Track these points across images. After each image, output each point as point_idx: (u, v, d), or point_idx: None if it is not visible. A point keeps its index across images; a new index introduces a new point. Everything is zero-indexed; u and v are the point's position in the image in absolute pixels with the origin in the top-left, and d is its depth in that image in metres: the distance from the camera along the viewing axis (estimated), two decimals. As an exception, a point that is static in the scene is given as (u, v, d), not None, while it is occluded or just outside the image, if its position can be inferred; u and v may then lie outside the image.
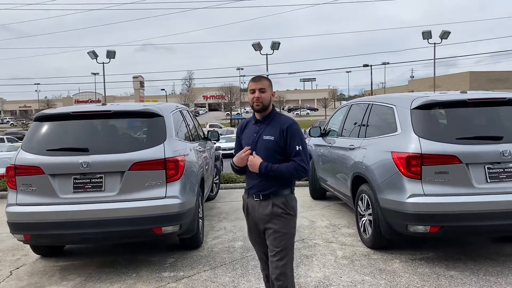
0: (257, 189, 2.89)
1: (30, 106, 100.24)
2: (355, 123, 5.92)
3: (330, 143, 6.66)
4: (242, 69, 78.07)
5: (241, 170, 2.97)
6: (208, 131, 7.41)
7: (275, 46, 38.31)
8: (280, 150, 2.85)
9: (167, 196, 4.38)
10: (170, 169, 4.42)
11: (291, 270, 2.88)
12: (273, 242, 2.84)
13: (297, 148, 2.83)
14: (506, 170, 4.18)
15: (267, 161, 2.82)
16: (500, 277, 4.06)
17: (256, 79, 2.92)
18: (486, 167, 4.17)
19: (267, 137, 2.86)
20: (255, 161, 2.82)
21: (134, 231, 4.35)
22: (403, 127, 4.53)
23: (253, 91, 2.89)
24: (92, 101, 79.85)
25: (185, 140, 5.36)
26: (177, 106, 5.85)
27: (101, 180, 4.33)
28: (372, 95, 42.23)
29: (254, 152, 2.87)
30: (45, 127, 4.64)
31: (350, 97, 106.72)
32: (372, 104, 5.55)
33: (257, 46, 38.36)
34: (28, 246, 5.21)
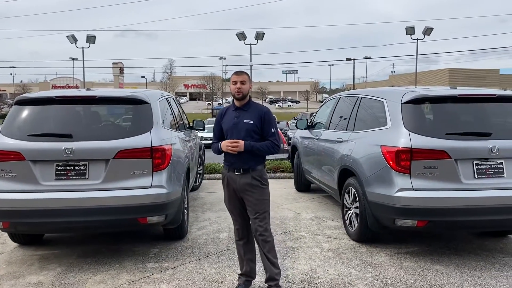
0: (237, 165, 3.54)
1: (5, 90, 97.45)
2: (344, 116, 5.89)
3: (317, 136, 6.64)
4: (224, 58, 77.56)
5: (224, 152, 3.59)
6: (194, 120, 7.29)
7: (259, 36, 37.97)
8: (258, 131, 3.53)
9: (153, 186, 4.27)
10: (156, 158, 4.31)
11: (269, 226, 3.62)
12: (255, 207, 3.53)
13: (272, 130, 3.56)
14: (494, 166, 4.22)
15: (246, 138, 3.48)
16: (484, 271, 4.11)
17: (239, 73, 3.57)
18: (474, 163, 4.20)
19: (248, 121, 3.52)
20: (240, 143, 3.45)
21: (118, 220, 4.24)
22: (393, 121, 4.52)
23: (235, 83, 3.53)
24: (70, 87, 78.14)
25: (171, 128, 5.24)
26: (162, 94, 5.71)
27: (85, 167, 4.20)
28: (354, 88, 42.51)
29: (233, 134, 3.53)
30: (26, 111, 4.46)
31: (332, 90, 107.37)
32: (362, 97, 5.53)
33: (241, 36, 37.94)
34: (5, 234, 5.05)
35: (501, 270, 4.14)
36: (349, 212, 5.13)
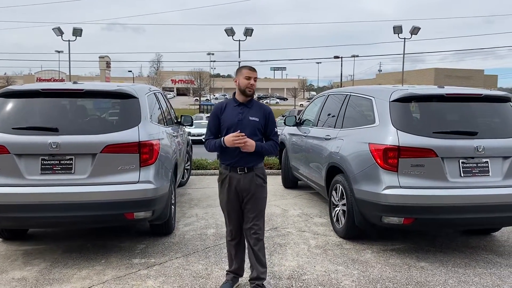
0: (241, 164, 3.43)
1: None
2: (332, 114, 5.91)
3: (305, 133, 6.65)
4: (212, 54, 77.20)
5: (225, 149, 3.41)
6: (181, 116, 7.24)
7: (248, 32, 37.86)
8: (261, 129, 3.50)
9: (140, 181, 4.23)
10: (144, 153, 4.27)
11: (264, 224, 3.63)
12: (255, 206, 3.49)
13: (275, 130, 3.58)
14: (479, 165, 4.28)
15: (251, 137, 3.38)
16: (468, 268, 4.17)
17: (252, 69, 3.48)
18: (460, 161, 4.25)
19: (253, 118, 3.45)
20: (252, 142, 3.35)
21: (105, 216, 4.19)
22: (381, 119, 4.55)
23: (249, 78, 3.44)
24: (55, 80, 76.97)
25: (159, 123, 5.20)
26: (150, 88, 5.65)
27: (71, 162, 4.14)
28: (341, 86, 42.65)
29: (238, 127, 3.38)
30: (11, 104, 4.38)
31: (319, 88, 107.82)
32: (350, 95, 5.55)
33: (230, 32, 37.79)
34: (-12, 228, 4.94)
35: (484, 267, 4.20)
36: (336, 209, 5.15)
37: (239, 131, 3.34)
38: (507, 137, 4.41)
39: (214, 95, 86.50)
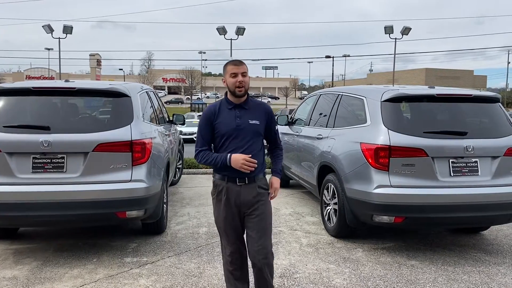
0: (241, 174, 2.88)
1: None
2: (324, 113, 5.94)
3: (297, 132, 6.68)
4: (204, 53, 77.06)
5: (229, 167, 2.87)
6: (173, 115, 7.24)
7: (240, 31, 37.84)
8: (264, 133, 3.02)
9: (132, 180, 4.23)
10: (136, 152, 4.27)
11: (272, 244, 3.01)
12: (259, 223, 2.92)
13: (278, 133, 3.19)
14: (469, 164, 4.34)
15: (254, 144, 2.91)
16: (457, 266, 4.23)
17: (237, 63, 2.90)
18: (450, 161, 4.31)
19: (254, 122, 2.93)
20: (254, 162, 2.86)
21: (97, 214, 4.18)
22: (373, 119, 4.59)
23: (235, 75, 2.86)
24: (45, 78, 76.34)
25: (151, 122, 5.19)
26: (142, 87, 5.64)
27: (63, 160, 4.12)
28: (332, 86, 42.85)
29: (238, 138, 2.90)
30: (2, 102, 4.34)
31: (311, 87, 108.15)
32: (342, 95, 5.59)
33: (222, 30, 37.72)
34: (-22, 227, 4.90)
35: (473, 266, 4.26)
36: (327, 208, 5.19)
37: (250, 155, 2.84)
38: (496, 137, 4.48)
39: (206, 94, 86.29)
